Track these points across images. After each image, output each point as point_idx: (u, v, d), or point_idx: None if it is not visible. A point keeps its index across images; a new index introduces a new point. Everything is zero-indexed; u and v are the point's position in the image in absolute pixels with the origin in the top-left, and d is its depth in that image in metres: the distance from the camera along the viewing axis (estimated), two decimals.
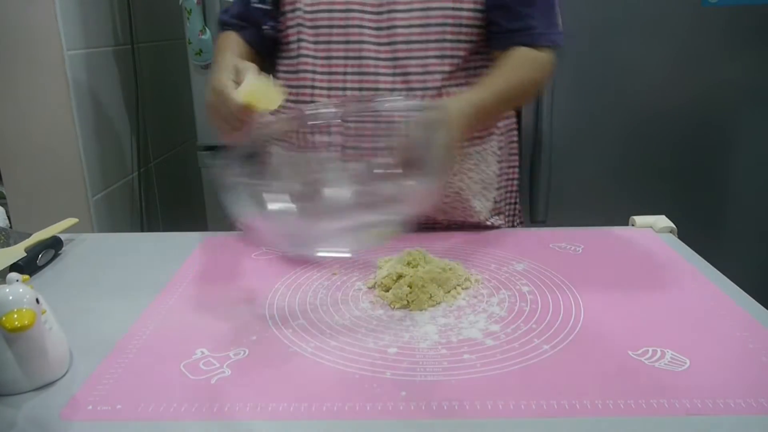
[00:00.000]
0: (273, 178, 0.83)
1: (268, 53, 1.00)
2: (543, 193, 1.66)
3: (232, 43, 0.98)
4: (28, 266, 0.84)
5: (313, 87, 0.93)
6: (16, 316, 0.54)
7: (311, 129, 0.90)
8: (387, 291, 0.74)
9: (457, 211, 0.98)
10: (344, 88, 0.91)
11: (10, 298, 0.55)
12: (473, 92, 0.84)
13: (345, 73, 0.91)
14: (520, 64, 0.90)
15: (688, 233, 0.95)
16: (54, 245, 0.90)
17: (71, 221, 0.94)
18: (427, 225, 1.00)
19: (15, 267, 0.82)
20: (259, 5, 0.97)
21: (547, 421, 0.52)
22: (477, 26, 0.90)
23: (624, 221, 1.00)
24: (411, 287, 0.72)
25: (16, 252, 0.84)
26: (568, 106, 1.63)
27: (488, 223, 1.00)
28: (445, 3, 0.88)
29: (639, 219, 0.98)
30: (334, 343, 0.64)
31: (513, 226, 1.09)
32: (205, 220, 1.80)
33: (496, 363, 0.60)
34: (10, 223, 1.15)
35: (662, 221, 0.96)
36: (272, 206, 0.69)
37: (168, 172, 1.98)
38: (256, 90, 0.74)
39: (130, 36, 1.70)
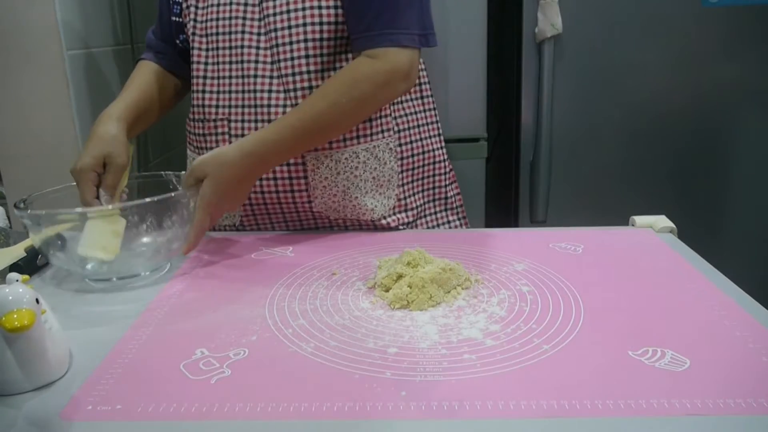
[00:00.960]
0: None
1: (187, 74, 1.04)
2: (543, 193, 1.66)
3: (142, 77, 1.03)
4: (28, 266, 0.84)
5: (203, 91, 0.98)
6: (16, 316, 0.54)
7: None
8: (387, 291, 0.74)
9: (347, 209, 0.98)
10: (229, 92, 0.96)
11: (10, 298, 0.55)
12: (250, 138, 0.86)
13: (230, 77, 0.96)
14: (330, 84, 0.87)
15: (688, 233, 0.95)
16: None
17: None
18: (323, 224, 1.02)
19: (15, 267, 0.82)
20: (177, 19, 1.03)
21: (547, 421, 0.52)
22: (339, 23, 0.91)
23: (624, 221, 1.00)
24: (411, 287, 0.72)
25: (16, 252, 0.84)
26: (568, 106, 1.63)
27: (385, 222, 1.00)
28: (306, 3, 0.90)
29: (639, 219, 0.98)
30: (334, 343, 0.64)
31: (447, 222, 1.09)
32: None
33: (496, 363, 0.60)
34: (10, 223, 1.15)
35: (662, 221, 0.96)
36: None
37: (167, 171, 1.97)
38: (95, 242, 0.78)
39: (130, 36, 1.70)
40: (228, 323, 0.69)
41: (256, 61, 0.94)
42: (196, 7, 0.98)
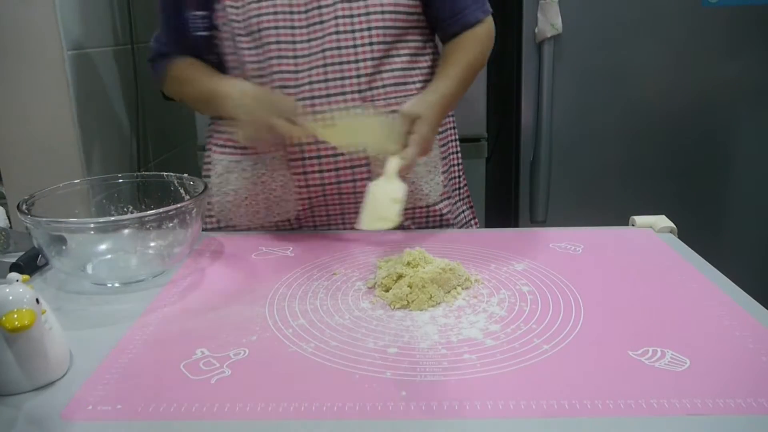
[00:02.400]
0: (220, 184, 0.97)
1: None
2: (543, 193, 1.66)
3: (198, 65, 1.01)
4: (28, 266, 0.84)
5: None
6: (16, 316, 0.54)
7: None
8: (387, 291, 0.74)
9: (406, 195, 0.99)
10: (282, 87, 0.94)
11: (10, 298, 0.55)
12: (436, 85, 0.93)
13: (280, 72, 0.94)
14: (464, 49, 0.98)
15: (688, 233, 0.95)
16: None
17: None
18: None
19: (15, 267, 0.82)
20: (203, 33, 0.99)
21: (547, 421, 0.52)
22: (401, 12, 0.94)
23: (624, 221, 1.00)
24: (411, 287, 0.72)
25: None
26: (568, 106, 1.64)
27: (438, 207, 1.02)
28: None
29: (639, 219, 0.98)
30: (334, 343, 0.64)
31: (462, 212, 1.10)
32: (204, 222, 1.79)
33: (496, 363, 0.60)
34: (10, 223, 1.15)
35: (662, 221, 0.96)
36: None
37: (168, 172, 1.97)
38: (374, 214, 0.79)
39: (130, 36, 1.70)
40: (228, 323, 0.69)
41: (309, 54, 0.93)
42: (234, 7, 0.94)
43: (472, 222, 1.13)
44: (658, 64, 1.60)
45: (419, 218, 1.03)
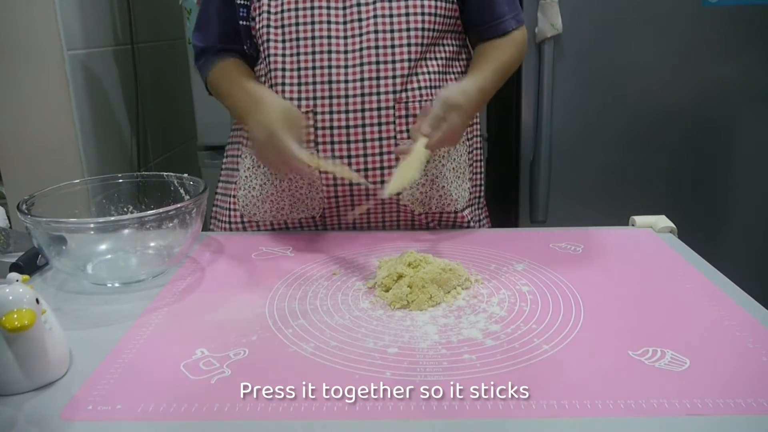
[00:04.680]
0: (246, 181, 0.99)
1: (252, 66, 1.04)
2: (543, 193, 1.66)
3: (242, 68, 1.02)
4: (28, 266, 0.84)
5: (283, 84, 0.95)
6: (16, 316, 0.54)
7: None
8: (387, 291, 0.74)
9: (433, 200, 0.99)
10: (313, 83, 0.93)
11: (10, 298, 0.55)
12: (474, 78, 0.93)
13: (313, 68, 0.93)
14: (501, 49, 0.99)
15: (688, 233, 0.95)
16: None
17: None
18: (405, 221, 1.01)
19: (15, 267, 0.82)
20: (245, 23, 0.99)
21: (547, 421, 0.52)
22: (439, 15, 0.94)
23: (624, 221, 1.00)
24: (411, 287, 0.72)
25: None
26: (568, 106, 1.63)
27: (464, 213, 1.02)
28: None
29: (639, 219, 0.98)
30: (334, 343, 0.64)
31: (480, 220, 1.10)
32: (205, 220, 1.79)
33: (496, 363, 0.60)
34: (10, 223, 1.14)
35: (662, 221, 0.96)
36: None
37: (168, 172, 1.97)
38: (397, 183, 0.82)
39: (130, 36, 1.70)
40: (228, 323, 0.69)
41: (345, 51, 0.93)
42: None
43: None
44: (658, 64, 1.60)
45: (446, 223, 1.02)
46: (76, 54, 1.45)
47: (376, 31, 0.92)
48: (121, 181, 0.94)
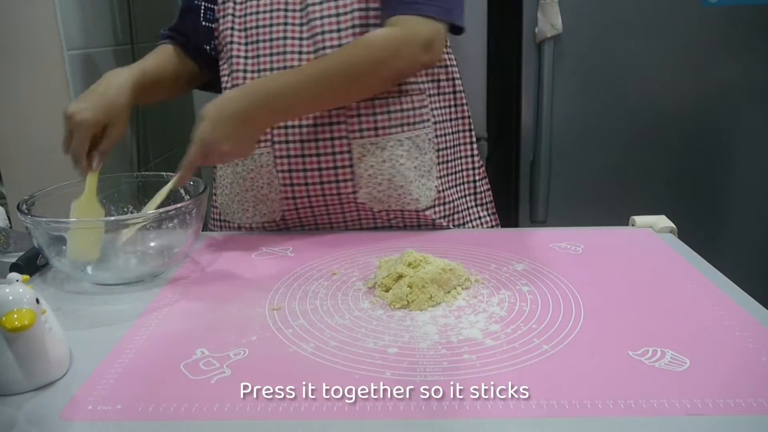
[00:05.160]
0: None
1: (208, 68, 1.07)
2: (543, 193, 1.66)
3: (159, 53, 1.05)
4: (28, 266, 0.84)
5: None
6: (16, 316, 0.54)
7: None
8: (387, 291, 0.74)
9: (392, 199, 0.98)
10: None
11: (10, 298, 0.55)
12: (268, 79, 0.92)
13: (271, 69, 0.95)
14: (351, 47, 0.89)
15: (688, 233, 0.95)
16: None
17: None
18: (367, 218, 1.01)
19: (15, 267, 0.82)
20: (208, 24, 1.03)
21: (547, 421, 0.52)
22: (372, 8, 0.93)
23: (624, 221, 1.00)
24: (411, 287, 0.72)
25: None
26: (568, 106, 1.63)
27: (428, 212, 1.00)
28: None
29: (639, 219, 0.98)
30: (334, 343, 0.64)
31: (480, 218, 1.09)
32: (205, 220, 1.79)
33: (496, 363, 0.60)
34: (10, 223, 1.15)
35: (662, 221, 0.96)
36: None
37: (168, 172, 1.97)
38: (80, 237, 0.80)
39: (130, 36, 1.70)
40: (228, 323, 0.69)
41: (300, 52, 0.94)
42: (234, 2, 0.98)
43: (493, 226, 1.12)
44: (658, 64, 1.60)
45: (409, 222, 1.01)
46: (76, 54, 1.45)
47: (321, 18, 0.93)
48: (121, 181, 0.94)
